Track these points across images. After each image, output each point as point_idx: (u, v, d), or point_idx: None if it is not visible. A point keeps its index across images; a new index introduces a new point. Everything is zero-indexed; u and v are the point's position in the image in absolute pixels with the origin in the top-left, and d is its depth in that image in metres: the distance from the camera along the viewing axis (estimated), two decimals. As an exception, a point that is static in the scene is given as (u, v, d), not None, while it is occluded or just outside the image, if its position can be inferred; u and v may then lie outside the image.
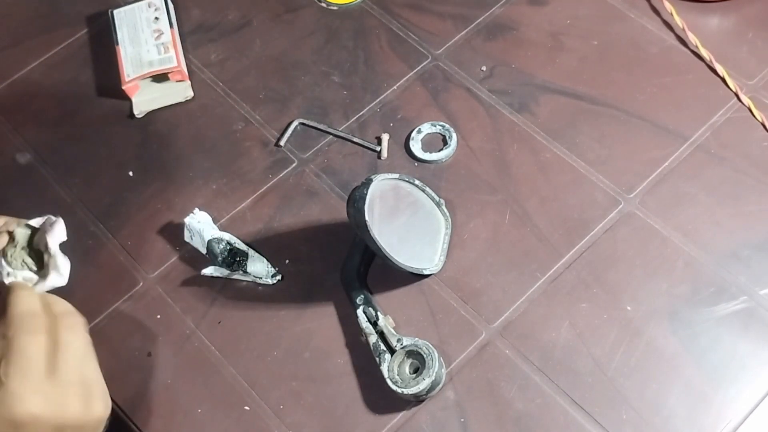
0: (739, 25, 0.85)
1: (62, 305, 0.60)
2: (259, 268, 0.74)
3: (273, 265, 0.75)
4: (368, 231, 0.67)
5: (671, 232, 0.74)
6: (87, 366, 0.58)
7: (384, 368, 0.67)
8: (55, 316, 0.58)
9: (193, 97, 0.86)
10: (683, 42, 0.84)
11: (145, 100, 0.86)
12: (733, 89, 0.80)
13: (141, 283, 0.76)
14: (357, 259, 0.74)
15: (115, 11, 0.90)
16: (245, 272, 0.74)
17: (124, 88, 0.85)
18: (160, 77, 0.86)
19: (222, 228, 0.77)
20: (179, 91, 0.86)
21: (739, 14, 0.86)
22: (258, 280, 0.74)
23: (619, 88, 0.82)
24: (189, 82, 0.87)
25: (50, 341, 0.56)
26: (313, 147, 0.82)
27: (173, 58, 0.86)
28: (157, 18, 0.89)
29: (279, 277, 0.74)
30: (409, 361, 0.68)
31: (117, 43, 0.88)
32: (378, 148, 0.81)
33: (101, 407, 0.58)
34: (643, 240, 0.74)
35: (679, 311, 0.70)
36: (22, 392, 0.53)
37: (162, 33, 0.88)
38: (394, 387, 0.66)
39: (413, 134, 0.81)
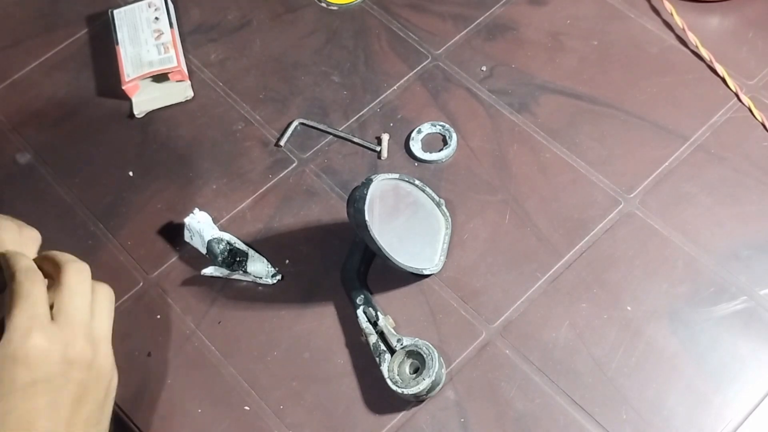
0: (739, 25, 0.85)
1: (65, 255, 0.60)
2: (259, 268, 0.74)
3: (273, 265, 0.75)
4: (368, 231, 0.67)
5: (671, 232, 0.74)
6: (94, 315, 0.58)
7: (384, 368, 0.67)
8: (58, 264, 0.58)
9: (193, 97, 0.86)
10: (683, 42, 0.84)
11: (145, 100, 0.86)
12: (733, 89, 0.80)
13: (141, 283, 0.76)
14: (357, 259, 0.74)
15: (115, 11, 0.90)
16: (245, 272, 0.74)
17: (124, 88, 0.85)
18: (160, 77, 0.86)
19: (222, 228, 0.77)
20: (179, 91, 0.87)
21: (739, 14, 0.86)
22: (258, 280, 0.74)
23: (619, 88, 0.82)
24: (189, 82, 0.87)
25: (54, 286, 0.57)
26: (313, 147, 0.82)
27: (173, 58, 0.86)
28: (157, 18, 0.89)
29: (279, 277, 0.74)
30: (409, 361, 0.68)
31: (117, 43, 0.88)
32: (378, 148, 0.81)
33: (107, 361, 0.58)
34: (643, 240, 0.74)
35: (679, 311, 0.70)
36: (27, 327, 0.54)
37: (162, 33, 0.88)
38: (394, 387, 0.66)
39: (413, 134, 0.81)
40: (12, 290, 0.56)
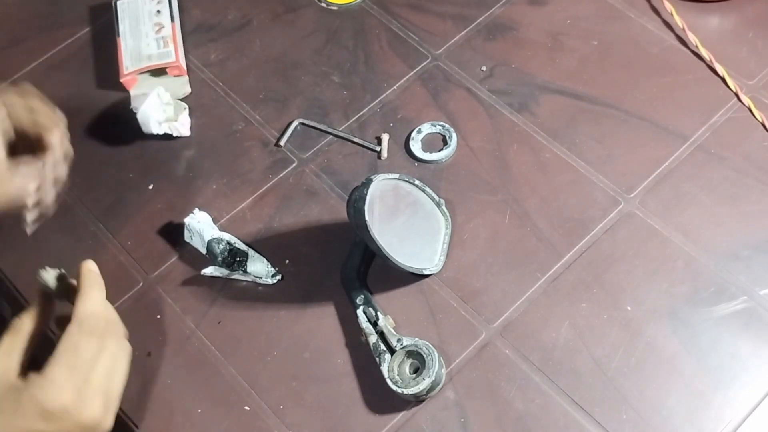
0: (739, 25, 0.85)
1: (113, 312, 0.64)
2: (259, 268, 0.74)
3: (273, 265, 0.75)
4: (368, 231, 0.67)
5: (671, 232, 0.74)
6: (116, 379, 0.61)
7: (384, 368, 0.67)
8: (107, 322, 0.62)
9: (191, 95, 0.86)
10: (683, 42, 0.84)
11: (142, 93, 0.86)
12: (733, 89, 0.80)
13: (141, 283, 0.76)
14: (357, 259, 0.74)
15: (119, 2, 0.90)
16: (245, 272, 0.74)
17: (121, 80, 0.85)
18: (159, 71, 0.86)
19: (222, 228, 0.77)
20: (177, 86, 0.86)
21: (739, 14, 0.86)
22: (258, 280, 0.74)
23: (619, 88, 0.82)
24: (187, 78, 0.87)
25: (99, 346, 0.60)
26: (313, 147, 0.82)
27: (172, 52, 0.85)
28: (159, 11, 0.88)
29: (279, 277, 0.74)
30: (409, 361, 0.68)
31: (118, 35, 0.87)
32: (378, 148, 0.81)
33: (110, 422, 0.60)
34: (643, 240, 0.74)
35: (679, 311, 0.70)
36: (61, 384, 0.56)
37: (163, 27, 0.87)
38: (394, 387, 0.66)
39: (413, 134, 0.81)
40: (67, 336, 0.59)
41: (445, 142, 0.81)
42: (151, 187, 0.81)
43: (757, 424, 0.65)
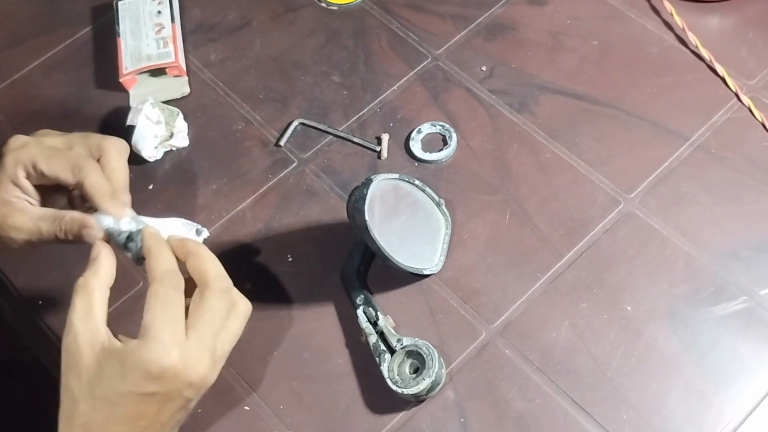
0: (739, 25, 0.85)
1: (215, 267, 0.59)
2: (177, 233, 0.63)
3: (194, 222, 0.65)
4: (368, 231, 0.67)
5: (671, 232, 0.74)
6: (224, 335, 0.58)
7: (384, 368, 0.67)
8: (206, 281, 0.58)
9: (190, 95, 0.86)
10: (683, 42, 0.84)
11: (142, 93, 0.86)
12: (733, 89, 0.80)
13: (141, 283, 0.76)
14: (357, 259, 0.74)
15: (120, 2, 0.90)
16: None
17: (121, 80, 0.85)
18: (158, 71, 0.86)
19: (222, 228, 0.77)
20: (176, 87, 0.86)
21: (739, 14, 0.86)
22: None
23: (619, 88, 0.82)
24: (186, 78, 0.87)
25: (195, 300, 0.57)
26: (313, 147, 0.82)
27: (171, 53, 0.85)
28: (159, 12, 0.89)
29: (206, 234, 0.64)
30: (409, 361, 0.68)
31: (118, 35, 0.87)
32: (378, 148, 0.81)
33: (214, 378, 0.58)
34: (643, 240, 0.74)
35: (679, 311, 0.70)
36: (168, 344, 0.54)
37: (163, 27, 0.87)
38: (394, 387, 0.66)
39: (413, 134, 0.81)
40: (155, 295, 0.56)
41: (445, 142, 0.81)
42: (150, 187, 0.81)
43: (757, 424, 0.65)
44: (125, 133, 0.85)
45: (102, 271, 0.59)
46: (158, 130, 0.81)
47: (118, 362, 0.55)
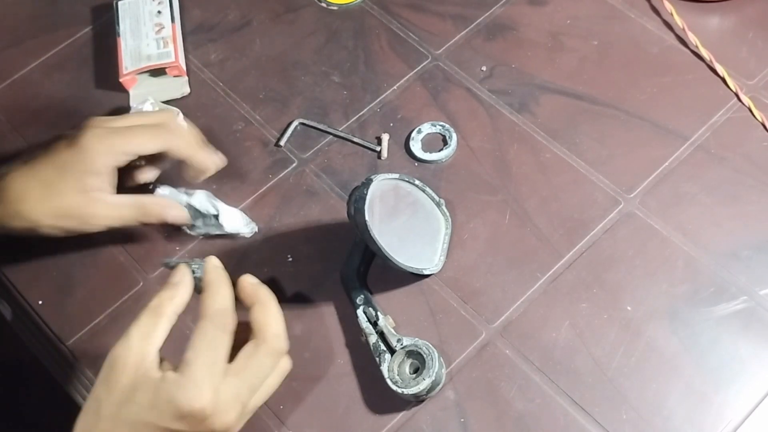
0: (739, 25, 0.85)
1: (277, 325, 0.60)
2: (233, 222, 0.76)
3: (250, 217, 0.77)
4: (368, 231, 0.67)
5: (671, 232, 0.74)
6: (260, 391, 0.59)
7: (384, 368, 0.67)
8: (264, 336, 0.58)
9: (190, 95, 0.86)
10: (683, 42, 0.84)
11: (142, 93, 0.86)
12: (733, 89, 0.81)
13: (141, 283, 0.76)
14: (357, 259, 0.74)
15: (120, 2, 0.90)
16: (216, 225, 0.76)
17: (121, 80, 0.85)
18: (158, 71, 0.86)
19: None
20: (176, 87, 0.86)
21: (739, 14, 0.86)
22: (234, 233, 0.76)
23: (619, 88, 0.82)
24: (186, 78, 0.87)
25: (247, 349, 0.58)
26: (313, 147, 0.82)
27: (171, 53, 0.85)
28: (159, 12, 0.89)
29: (255, 228, 0.77)
30: (409, 361, 0.68)
31: (118, 35, 0.88)
32: (378, 148, 0.81)
33: (237, 429, 0.58)
34: (643, 240, 0.74)
35: (679, 311, 0.70)
36: (203, 387, 0.54)
37: (163, 27, 0.87)
38: (394, 387, 0.66)
39: (413, 134, 0.81)
40: (203, 332, 0.56)
41: (445, 142, 0.81)
42: (151, 187, 0.81)
43: (757, 424, 0.65)
44: (125, 133, 0.85)
45: (178, 299, 0.59)
46: None
47: (152, 392, 0.54)
